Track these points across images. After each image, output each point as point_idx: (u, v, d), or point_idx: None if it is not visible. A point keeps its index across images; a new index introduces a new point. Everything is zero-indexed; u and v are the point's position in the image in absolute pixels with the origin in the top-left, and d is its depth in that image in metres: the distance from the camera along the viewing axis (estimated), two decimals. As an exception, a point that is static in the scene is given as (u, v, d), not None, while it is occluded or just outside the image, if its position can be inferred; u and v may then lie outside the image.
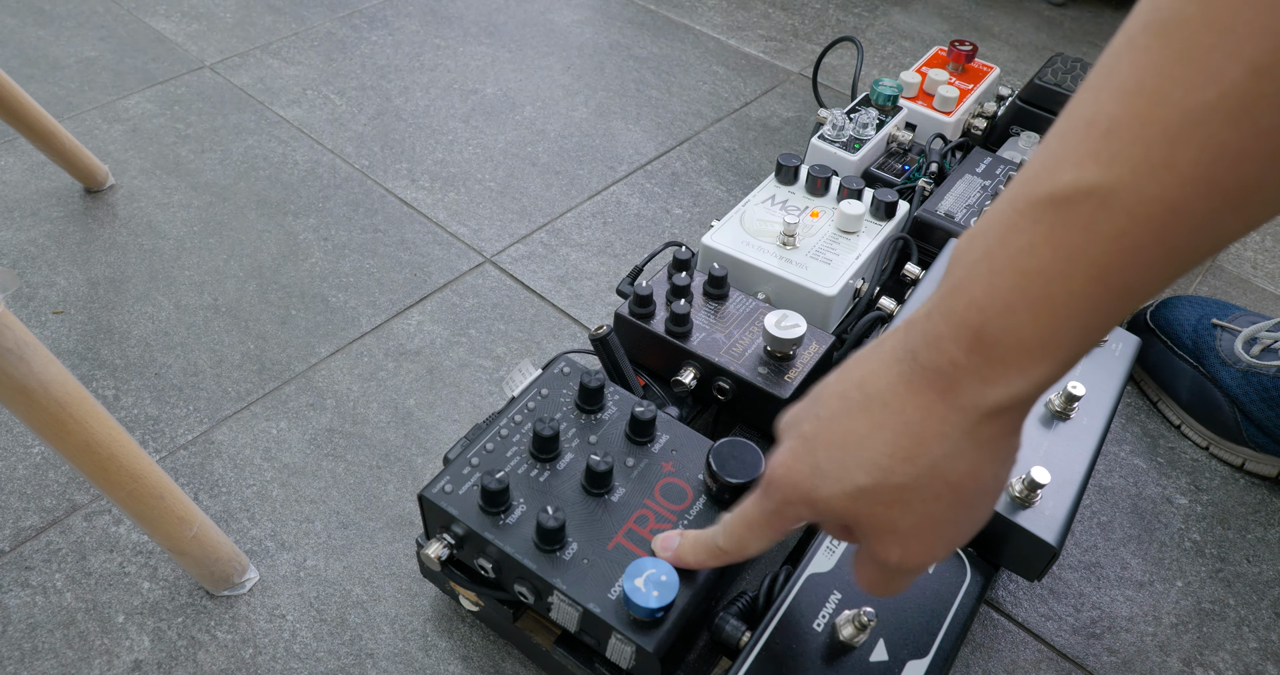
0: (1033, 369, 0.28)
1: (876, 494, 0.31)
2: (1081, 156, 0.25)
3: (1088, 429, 0.57)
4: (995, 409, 0.29)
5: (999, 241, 0.27)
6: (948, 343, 0.29)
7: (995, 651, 0.60)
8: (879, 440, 0.31)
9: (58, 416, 0.45)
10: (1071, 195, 0.26)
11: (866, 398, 0.32)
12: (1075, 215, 0.26)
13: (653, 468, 0.50)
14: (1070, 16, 1.31)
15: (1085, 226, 0.25)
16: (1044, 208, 0.26)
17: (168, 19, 1.16)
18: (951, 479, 0.31)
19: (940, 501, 0.31)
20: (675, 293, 0.61)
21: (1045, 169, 0.27)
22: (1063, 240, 0.26)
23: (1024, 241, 0.27)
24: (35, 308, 0.78)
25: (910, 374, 0.30)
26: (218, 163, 0.94)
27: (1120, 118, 0.25)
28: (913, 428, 0.30)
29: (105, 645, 0.57)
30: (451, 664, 0.57)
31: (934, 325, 0.29)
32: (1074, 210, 0.26)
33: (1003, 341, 0.27)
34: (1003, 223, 0.27)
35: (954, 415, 0.29)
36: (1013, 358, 0.28)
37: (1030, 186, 0.27)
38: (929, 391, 0.30)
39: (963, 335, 0.28)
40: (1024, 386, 0.28)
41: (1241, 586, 0.64)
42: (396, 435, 0.70)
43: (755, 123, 1.05)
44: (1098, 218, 0.25)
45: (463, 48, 1.14)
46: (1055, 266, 0.26)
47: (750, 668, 0.45)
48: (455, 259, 0.85)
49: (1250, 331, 0.70)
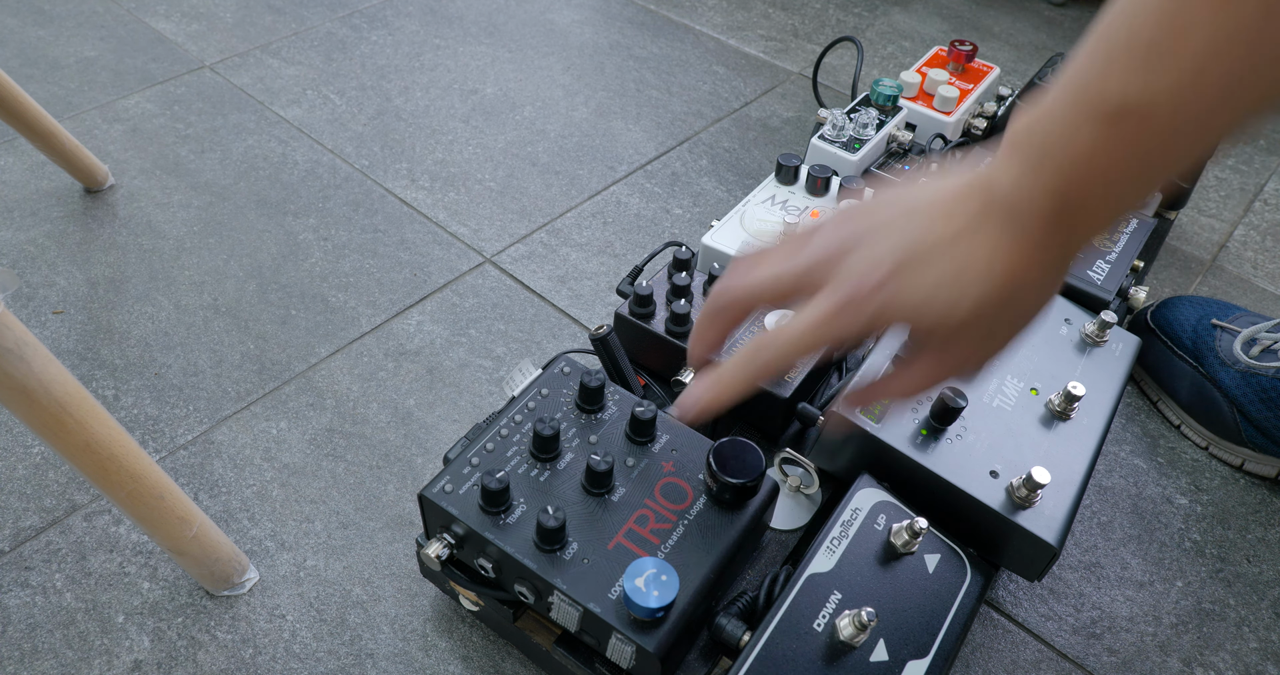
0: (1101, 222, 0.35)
1: (978, 319, 0.36)
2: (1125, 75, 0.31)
3: (1088, 429, 0.57)
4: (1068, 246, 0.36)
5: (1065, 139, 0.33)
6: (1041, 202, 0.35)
7: (995, 651, 0.60)
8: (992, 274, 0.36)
9: (58, 416, 0.45)
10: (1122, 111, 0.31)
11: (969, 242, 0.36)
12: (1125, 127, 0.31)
13: (653, 467, 0.50)
14: (1070, 16, 1.31)
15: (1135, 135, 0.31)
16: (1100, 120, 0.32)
17: (168, 19, 1.16)
18: (1028, 301, 0.37)
19: (1015, 320, 0.38)
20: (675, 293, 0.61)
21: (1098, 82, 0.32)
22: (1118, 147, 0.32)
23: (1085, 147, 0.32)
24: (35, 308, 0.78)
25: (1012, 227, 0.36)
26: (218, 163, 0.94)
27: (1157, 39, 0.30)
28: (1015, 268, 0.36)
29: (105, 645, 0.57)
30: (451, 664, 0.57)
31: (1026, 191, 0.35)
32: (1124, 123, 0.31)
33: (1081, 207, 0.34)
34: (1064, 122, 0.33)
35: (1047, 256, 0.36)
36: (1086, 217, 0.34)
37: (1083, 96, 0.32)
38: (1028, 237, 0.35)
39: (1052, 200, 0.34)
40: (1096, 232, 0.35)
41: (1241, 586, 0.64)
42: (396, 435, 0.70)
43: (755, 123, 1.05)
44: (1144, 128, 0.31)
45: (463, 48, 1.14)
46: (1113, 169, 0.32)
47: (750, 668, 0.45)
48: (455, 259, 0.85)
49: (1250, 332, 0.70)
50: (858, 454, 0.55)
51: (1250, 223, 0.96)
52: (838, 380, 0.63)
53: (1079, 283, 0.67)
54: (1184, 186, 0.82)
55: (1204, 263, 0.91)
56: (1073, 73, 0.33)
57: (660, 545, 0.47)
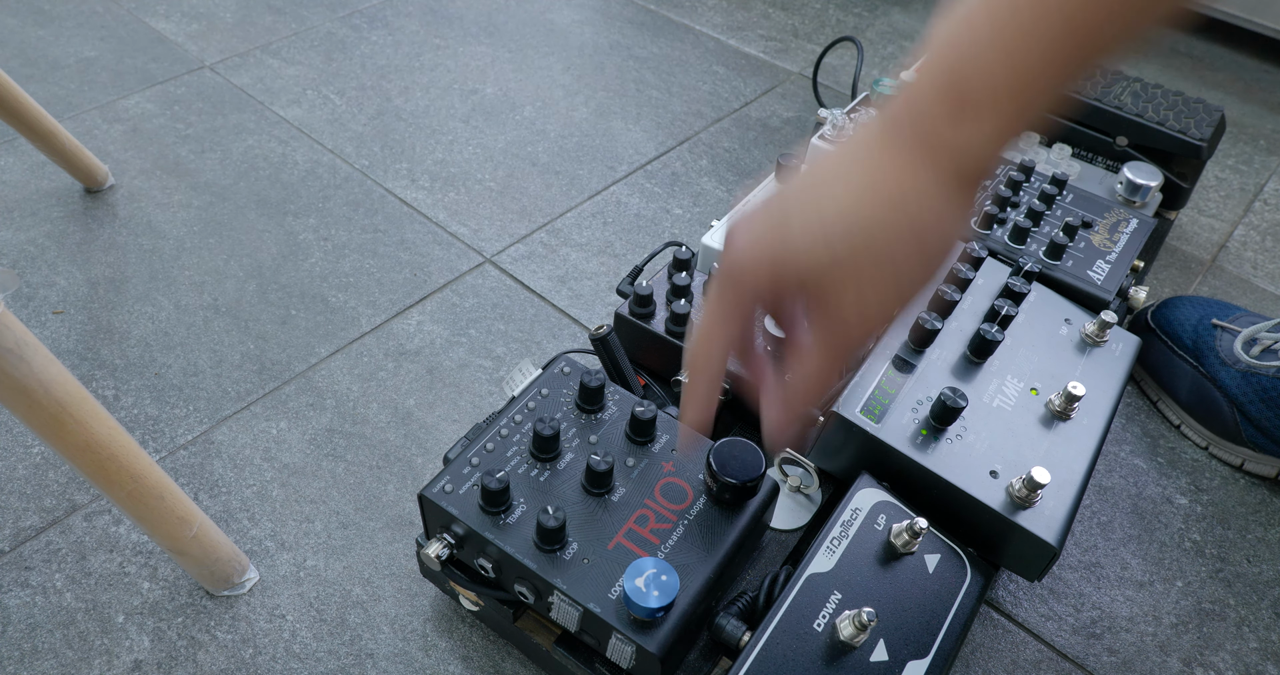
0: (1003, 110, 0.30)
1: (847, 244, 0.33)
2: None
3: (1088, 429, 0.57)
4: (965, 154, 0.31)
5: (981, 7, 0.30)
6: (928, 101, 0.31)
7: (995, 651, 0.60)
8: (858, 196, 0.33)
9: (58, 416, 0.45)
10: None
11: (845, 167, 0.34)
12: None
13: (653, 467, 0.50)
14: (1070, 16, 1.31)
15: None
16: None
17: (168, 19, 1.16)
18: (919, 229, 0.33)
19: (906, 251, 0.33)
20: (675, 293, 0.61)
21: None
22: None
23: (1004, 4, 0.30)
24: (35, 308, 0.78)
25: (891, 137, 0.33)
26: (218, 163, 0.94)
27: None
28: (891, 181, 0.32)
29: (105, 645, 0.57)
30: (451, 664, 0.57)
31: (914, 89, 0.32)
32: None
33: (978, 90, 0.30)
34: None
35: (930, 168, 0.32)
36: (986, 101, 0.30)
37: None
38: (908, 149, 0.32)
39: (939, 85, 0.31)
40: (994, 128, 0.31)
41: (1241, 586, 0.64)
42: (396, 435, 0.70)
43: (755, 123, 1.05)
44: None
45: (463, 48, 1.14)
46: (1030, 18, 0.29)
47: (750, 668, 0.45)
48: (455, 259, 0.85)
49: (1250, 332, 0.70)
50: (858, 454, 0.55)
51: (1250, 223, 0.96)
52: (838, 380, 0.63)
53: (1079, 283, 0.67)
54: (1183, 186, 0.82)
55: (1204, 263, 0.91)
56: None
57: (660, 545, 0.47)
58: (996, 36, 0.30)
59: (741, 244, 0.35)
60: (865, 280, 0.33)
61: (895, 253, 0.33)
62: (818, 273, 0.33)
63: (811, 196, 0.34)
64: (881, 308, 0.34)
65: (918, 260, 0.33)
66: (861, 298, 0.33)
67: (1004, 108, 0.30)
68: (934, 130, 0.31)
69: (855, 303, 0.34)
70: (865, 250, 0.33)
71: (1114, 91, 0.82)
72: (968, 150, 0.31)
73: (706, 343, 0.38)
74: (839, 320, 0.34)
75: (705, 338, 0.38)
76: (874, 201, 0.32)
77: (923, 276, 0.34)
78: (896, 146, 0.32)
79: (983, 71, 0.30)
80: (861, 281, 0.33)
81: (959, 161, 0.32)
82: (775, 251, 0.34)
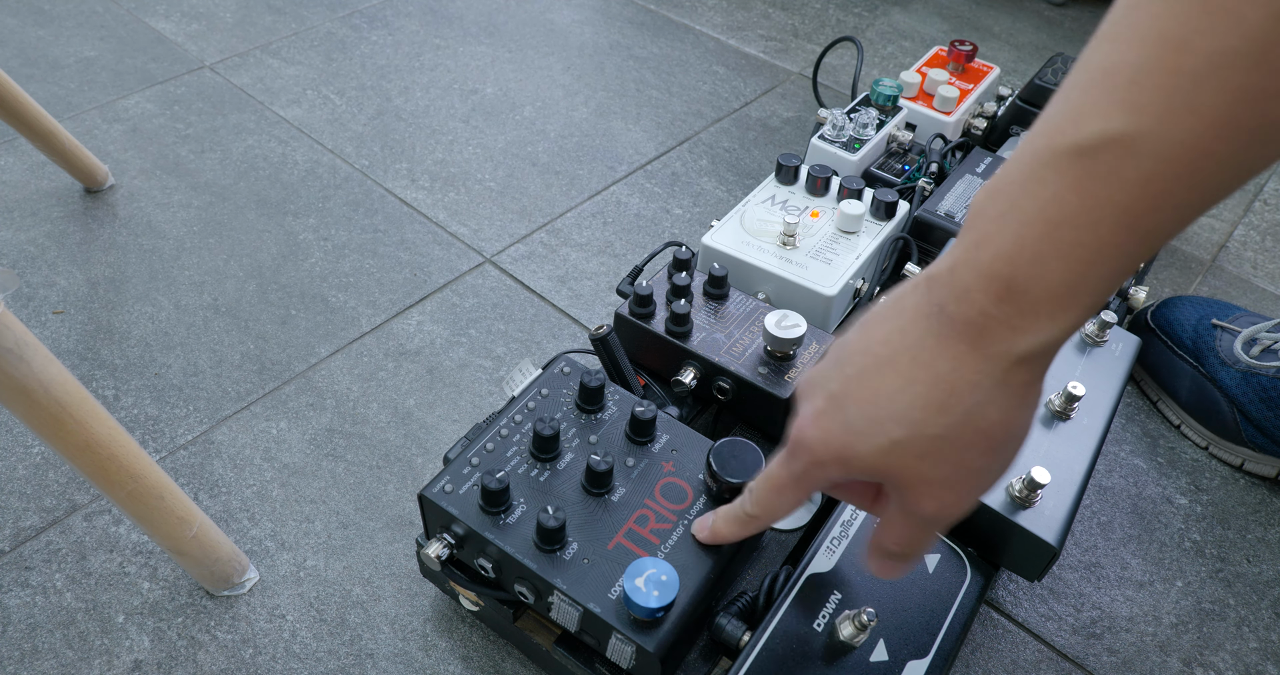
0: (1062, 315, 0.28)
1: (911, 446, 0.32)
2: (1106, 106, 0.26)
3: (1088, 429, 0.57)
4: (1025, 356, 0.29)
5: (1024, 193, 0.28)
6: (976, 294, 0.29)
7: (995, 651, 0.60)
8: (911, 393, 0.31)
9: (58, 416, 0.45)
10: (1098, 144, 0.26)
11: (894, 353, 0.32)
12: (1102, 164, 0.26)
13: (653, 467, 0.50)
14: (1070, 16, 1.31)
15: (1112, 174, 0.26)
16: (1069, 158, 0.27)
17: (168, 19, 1.16)
18: (983, 426, 0.31)
19: (973, 449, 0.32)
20: (675, 293, 0.61)
21: (1067, 119, 0.27)
22: (1090, 189, 0.26)
23: (1050, 192, 0.27)
24: (35, 308, 0.78)
25: (939, 327, 0.31)
26: (218, 163, 0.94)
27: (1142, 66, 0.25)
28: (945, 379, 0.31)
29: (105, 645, 0.57)
30: (451, 664, 0.57)
31: (960, 278, 0.30)
32: (1100, 159, 0.26)
33: (1032, 290, 0.28)
34: (1026, 174, 0.28)
35: (985, 364, 0.30)
36: (1043, 305, 0.28)
37: (1053, 138, 0.27)
38: (959, 343, 0.30)
39: (992, 286, 0.29)
40: (1054, 332, 0.29)
41: (1241, 586, 0.64)
42: (396, 435, 0.70)
43: (755, 123, 1.05)
44: (1124, 165, 0.26)
45: (463, 48, 1.14)
46: (1083, 215, 0.27)
47: (750, 668, 0.45)
48: (455, 259, 0.85)
49: (1250, 332, 0.70)
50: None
51: (1250, 223, 0.96)
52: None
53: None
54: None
55: (1204, 263, 0.91)
56: (1041, 120, 0.28)
57: (660, 545, 0.47)
58: (1050, 235, 0.27)
59: (807, 426, 0.35)
60: (936, 482, 0.33)
61: (963, 457, 0.32)
62: (888, 471, 0.33)
63: (865, 388, 0.33)
64: (959, 504, 0.34)
65: (988, 458, 0.32)
66: (937, 497, 0.33)
67: (1064, 309, 0.28)
68: (989, 328, 0.29)
69: (932, 502, 0.33)
70: (933, 456, 0.32)
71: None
72: (1030, 351, 0.29)
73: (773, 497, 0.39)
74: (918, 512, 0.34)
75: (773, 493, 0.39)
76: (931, 405, 0.31)
77: (997, 471, 0.33)
78: (948, 341, 0.30)
79: (1039, 273, 0.28)
80: (933, 483, 0.33)
81: (1022, 365, 0.30)
82: (841, 444, 0.33)
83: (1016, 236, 0.28)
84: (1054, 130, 0.27)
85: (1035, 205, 0.27)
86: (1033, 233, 0.27)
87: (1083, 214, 0.27)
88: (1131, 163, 0.25)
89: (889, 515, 0.37)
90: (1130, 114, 0.25)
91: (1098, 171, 0.26)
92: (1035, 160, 0.28)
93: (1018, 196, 0.28)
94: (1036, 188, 0.27)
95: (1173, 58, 0.25)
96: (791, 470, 0.37)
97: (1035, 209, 0.27)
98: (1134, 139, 0.25)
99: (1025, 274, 0.28)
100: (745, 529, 0.43)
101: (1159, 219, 0.26)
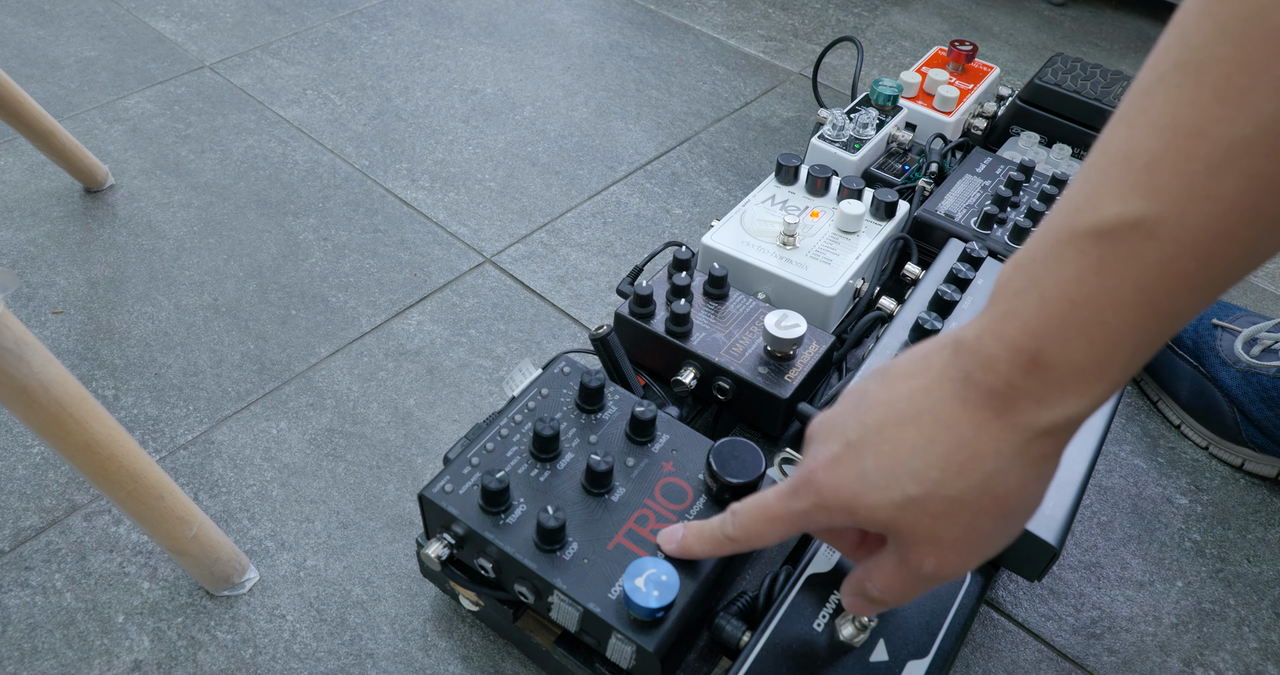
0: (1088, 390, 0.29)
1: (925, 505, 0.32)
2: (1124, 190, 0.26)
3: (1088, 429, 0.57)
4: (1049, 428, 0.30)
5: (1046, 271, 0.28)
6: (1003, 365, 0.29)
7: (995, 651, 0.60)
8: (931, 453, 0.32)
9: (58, 416, 0.45)
10: (1117, 227, 0.26)
11: (917, 411, 0.32)
12: (1121, 246, 0.26)
13: (653, 467, 0.50)
14: (1070, 16, 1.31)
15: (1132, 257, 0.26)
16: (1090, 239, 0.27)
17: (168, 19, 1.16)
18: (1000, 494, 0.31)
19: (985, 515, 0.32)
20: (675, 293, 0.61)
21: (1088, 201, 0.27)
22: (1111, 270, 0.27)
23: (1071, 272, 0.27)
24: (35, 308, 0.78)
25: (965, 393, 0.31)
26: (218, 163, 0.94)
27: (1160, 152, 0.26)
28: (967, 443, 0.31)
29: (105, 645, 0.57)
30: (451, 664, 0.57)
31: (987, 347, 0.30)
32: (1120, 242, 0.26)
33: (1059, 366, 0.28)
34: (1049, 253, 0.28)
35: (1008, 433, 0.30)
36: (1070, 381, 0.29)
37: (1074, 218, 0.28)
38: (984, 410, 0.31)
39: (1019, 359, 0.29)
40: (1080, 407, 0.29)
41: (1241, 586, 0.64)
42: (396, 435, 0.70)
43: (755, 123, 1.05)
44: (1144, 248, 0.26)
45: (463, 48, 1.14)
46: (1105, 295, 0.27)
47: (750, 668, 0.45)
48: (455, 259, 0.85)
49: (1250, 332, 0.70)
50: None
51: (1250, 223, 0.96)
52: (837, 380, 0.63)
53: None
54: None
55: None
56: (1063, 198, 0.29)
57: (660, 545, 0.47)
58: (1072, 314, 0.28)
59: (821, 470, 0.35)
60: (944, 543, 0.33)
61: (975, 521, 0.32)
62: (896, 525, 0.33)
63: (885, 441, 0.33)
64: (961, 566, 0.34)
65: (998, 525, 0.33)
66: (941, 557, 0.33)
67: (1091, 384, 0.29)
68: (1015, 399, 0.30)
69: (934, 561, 0.34)
70: (945, 517, 0.32)
71: (1114, 91, 0.82)
72: (1055, 425, 0.30)
73: (763, 527, 0.39)
74: (918, 569, 0.34)
75: (764, 523, 0.39)
76: (950, 466, 0.31)
77: (1005, 538, 0.34)
78: (973, 406, 0.31)
79: (1064, 350, 0.28)
80: (940, 543, 0.33)
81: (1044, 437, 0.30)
82: (853, 493, 0.34)
83: (1040, 313, 0.28)
84: (1074, 210, 0.28)
85: (1056, 283, 0.28)
86: (1056, 310, 0.28)
87: (1103, 294, 0.27)
88: (1151, 246, 0.26)
89: (881, 563, 0.37)
90: (1148, 199, 0.26)
91: (1117, 254, 0.26)
92: (1057, 239, 0.28)
93: (1039, 274, 0.28)
94: (1058, 266, 0.28)
95: (1187, 145, 0.25)
96: (792, 508, 0.37)
97: (1056, 287, 0.28)
98: (1154, 224, 0.26)
99: (1051, 349, 0.28)
100: (719, 550, 0.43)
101: (1179, 300, 0.27)
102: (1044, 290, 0.28)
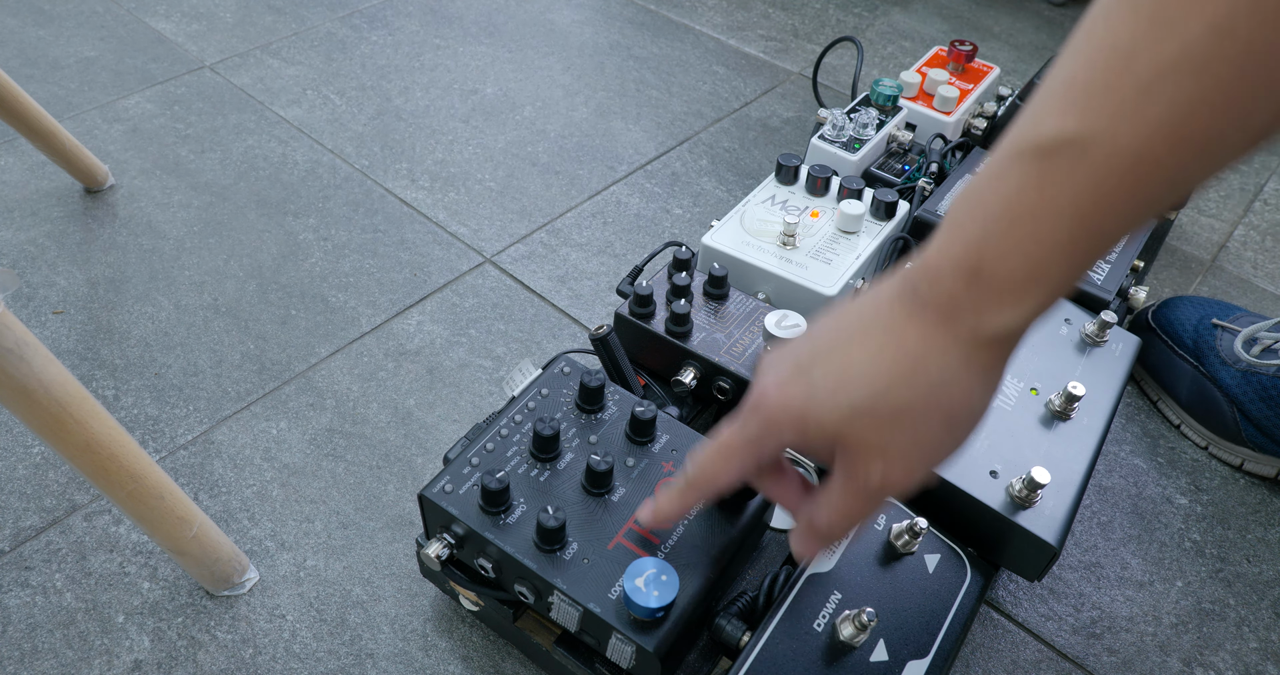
0: (1025, 300, 0.30)
1: (872, 412, 0.33)
2: (1062, 108, 0.28)
3: (1088, 429, 0.57)
4: (991, 338, 0.32)
5: (990, 189, 0.30)
6: (947, 278, 0.31)
7: (995, 651, 0.60)
8: (879, 363, 0.33)
9: (58, 416, 0.45)
10: (1054, 144, 0.28)
11: (865, 326, 0.34)
12: (1058, 162, 0.28)
13: (653, 467, 0.50)
14: (1070, 16, 1.31)
15: (1067, 173, 0.28)
16: (1030, 157, 0.29)
17: (168, 19, 1.16)
18: (944, 402, 0.33)
19: (931, 423, 0.33)
20: (675, 293, 0.61)
21: (1030, 122, 0.29)
22: (1047, 186, 0.28)
23: (1013, 187, 0.29)
24: (35, 308, 0.78)
25: (911, 306, 0.33)
26: (218, 163, 0.94)
27: (1096, 74, 0.27)
28: (912, 352, 0.32)
29: (105, 645, 0.57)
30: (451, 664, 0.57)
31: (933, 264, 0.32)
32: (1056, 158, 0.28)
33: (997, 275, 0.30)
34: (994, 172, 0.30)
35: (952, 343, 0.32)
36: (1007, 290, 0.30)
37: (1016, 139, 0.30)
38: (929, 322, 0.32)
39: (960, 271, 0.31)
40: (1017, 317, 0.31)
41: (1241, 586, 0.64)
42: (396, 435, 0.70)
43: (755, 123, 1.05)
44: (1077, 165, 0.28)
45: (463, 48, 1.14)
46: (1041, 209, 0.29)
47: (750, 668, 0.45)
48: (455, 259, 0.85)
49: (1250, 331, 0.70)
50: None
51: (1250, 223, 0.96)
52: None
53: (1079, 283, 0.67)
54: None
55: (1204, 263, 0.91)
56: (1012, 124, 0.30)
57: (660, 545, 0.47)
58: (1011, 227, 0.29)
59: (770, 389, 0.36)
60: (891, 452, 0.34)
61: (920, 429, 0.33)
62: (843, 436, 0.34)
63: (834, 357, 0.34)
64: (907, 476, 0.35)
65: (944, 434, 0.34)
66: (888, 467, 0.34)
67: (1026, 295, 0.30)
68: (958, 309, 0.31)
69: (881, 470, 0.34)
70: (891, 424, 0.33)
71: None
72: (994, 333, 0.31)
73: (718, 462, 0.40)
74: (865, 482, 0.35)
75: (719, 457, 0.39)
76: (896, 374, 0.32)
77: (950, 448, 0.35)
78: (919, 318, 0.32)
79: (1002, 261, 0.30)
80: (887, 452, 0.34)
81: (987, 347, 0.32)
82: (802, 406, 0.34)
83: (982, 228, 0.30)
84: (1018, 132, 0.30)
85: (999, 199, 0.30)
86: (996, 226, 0.30)
87: (1039, 208, 0.29)
88: (1084, 164, 0.27)
89: (828, 490, 0.38)
90: (1081, 118, 0.27)
91: (1054, 170, 0.28)
92: (1003, 157, 0.30)
93: (985, 192, 0.30)
94: (1000, 183, 0.30)
95: (1120, 66, 0.26)
96: (745, 433, 0.37)
97: (999, 202, 0.30)
98: (1086, 141, 0.27)
99: (990, 262, 0.30)
100: (684, 499, 0.42)
101: (1109, 220, 0.28)
102: (988, 207, 0.30)
